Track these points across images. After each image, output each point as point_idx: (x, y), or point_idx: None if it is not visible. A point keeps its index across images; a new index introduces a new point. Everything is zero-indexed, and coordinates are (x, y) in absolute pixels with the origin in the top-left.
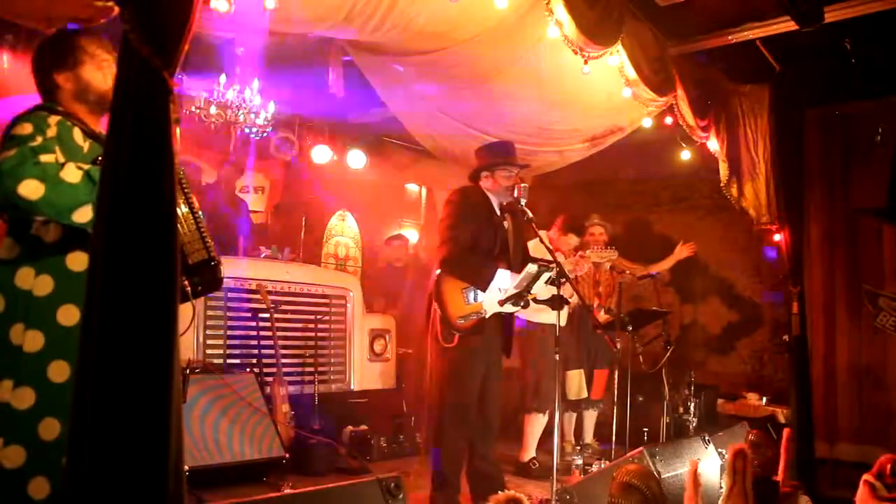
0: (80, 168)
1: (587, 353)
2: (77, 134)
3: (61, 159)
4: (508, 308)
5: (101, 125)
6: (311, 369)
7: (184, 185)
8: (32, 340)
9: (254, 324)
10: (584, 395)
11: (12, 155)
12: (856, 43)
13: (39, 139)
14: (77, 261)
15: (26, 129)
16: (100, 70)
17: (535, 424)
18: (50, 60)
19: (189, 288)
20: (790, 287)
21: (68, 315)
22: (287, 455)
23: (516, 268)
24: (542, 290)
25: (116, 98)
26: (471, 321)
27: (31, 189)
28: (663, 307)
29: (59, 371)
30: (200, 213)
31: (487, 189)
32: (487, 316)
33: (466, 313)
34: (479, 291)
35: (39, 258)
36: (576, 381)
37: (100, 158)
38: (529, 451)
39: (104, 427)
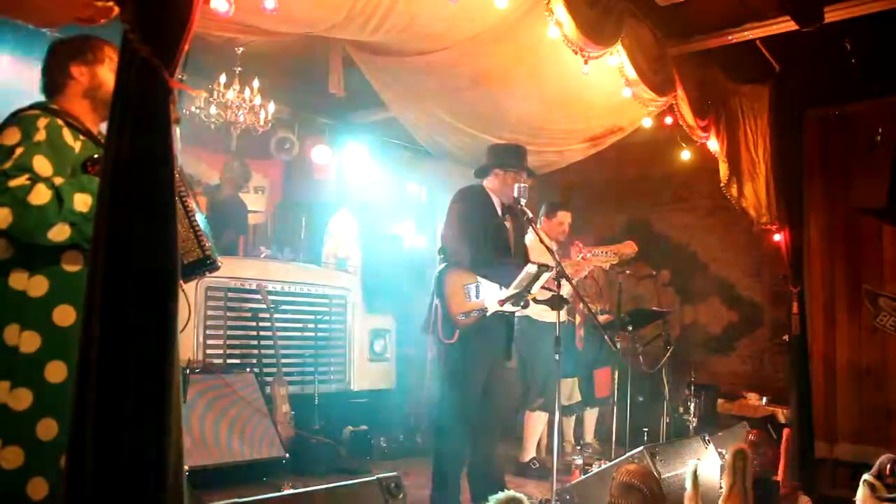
0: (51, 187)
1: (592, 355)
2: (67, 134)
3: (45, 169)
4: (508, 308)
5: (98, 125)
6: (311, 369)
7: (180, 189)
8: (28, 341)
9: (254, 324)
10: (576, 399)
11: None
12: (856, 43)
13: (19, 151)
14: (71, 261)
15: (13, 137)
16: (113, 73)
17: (538, 423)
18: (69, 52)
19: (184, 287)
20: (790, 287)
21: (64, 315)
22: (287, 455)
23: (517, 267)
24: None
25: (116, 98)
26: (472, 318)
27: (0, 218)
28: (663, 307)
29: (56, 371)
30: (197, 213)
31: (491, 189)
32: (489, 314)
33: (468, 310)
34: (480, 289)
35: (33, 259)
36: (567, 388)
37: (94, 157)
38: (530, 451)
39: (104, 427)
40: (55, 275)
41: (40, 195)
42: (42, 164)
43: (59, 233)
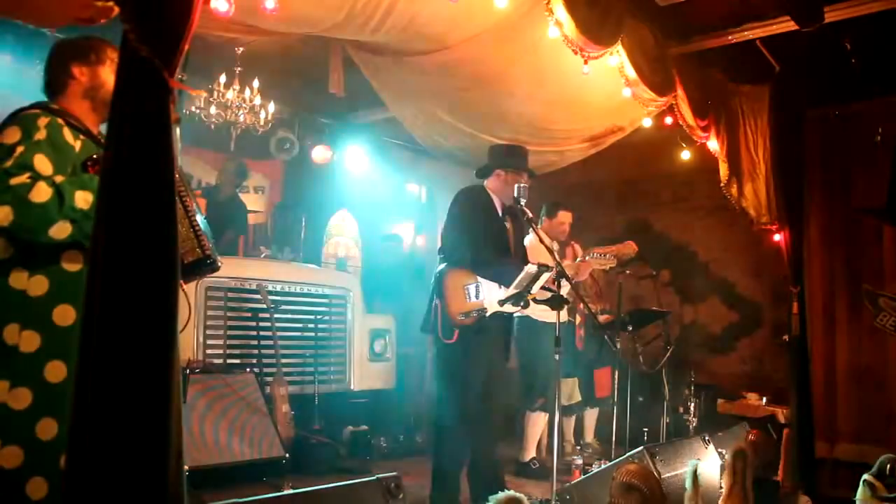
0: (52, 185)
1: (592, 355)
2: (67, 133)
3: (45, 167)
4: (508, 308)
5: (98, 125)
6: (311, 369)
7: (180, 189)
8: (28, 341)
9: (254, 324)
10: (576, 399)
11: None
12: (856, 43)
13: (20, 149)
14: (71, 261)
15: (14, 136)
16: (115, 75)
17: (538, 424)
18: (71, 52)
19: (184, 287)
20: (790, 287)
21: (64, 315)
22: (287, 455)
23: (518, 268)
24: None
25: (116, 98)
26: (472, 318)
27: (1, 216)
28: (663, 307)
29: (55, 371)
30: (197, 213)
31: (491, 189)
32: (488, 314)
33: (467, 310)
34: (479, 289)
35: (33, 259)
36: (567, 388)
37: (93, 157)
38: (530, 451)
39: (104, 427)
40: (55, 274)
41: (41, 193)
42: (43, 163)
43: (61, 230)
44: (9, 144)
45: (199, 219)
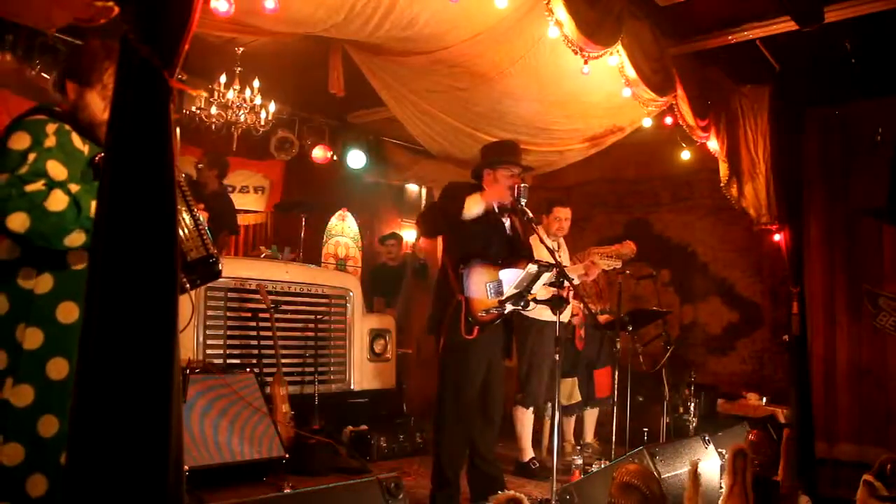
0: (67, 193)
1: (594, 355)
2: (76, 138)
3: (59, 173)
4: (508, 307)
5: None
6: (311, 369)
7: (183, 190)
8: (32, 338)
9: (254, 324)
10: (576, 399)
11: (1, 186)
12: (856, 43)
13: (32, 156)
14: (77, 259)
15: (23, 142)
16: (103, 101)
17: (525, 419)
18: (70, 64)
19: (188, 284)
20: (790, 287)
21: (67, 312)
22: (287, 455)
23: (517, 268)
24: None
25: (116, 98)
26: (492, 314)
27: (18, 223)
28: (663, 307)
29: (57, 368)
30: (200, 215)
31: (488, 188)
32: (507, 311)
33: (489, 306)
34: (500, 287)
35: (41, 258)
36: (567, 388)
37: (97, 157)
38: (529, 451)
39: (104, 426)
40: (60, 272)
41: (58, 201)
42: (56, 169)
43: (76, 239)
44: (20, 150)
45: (202, 221)
